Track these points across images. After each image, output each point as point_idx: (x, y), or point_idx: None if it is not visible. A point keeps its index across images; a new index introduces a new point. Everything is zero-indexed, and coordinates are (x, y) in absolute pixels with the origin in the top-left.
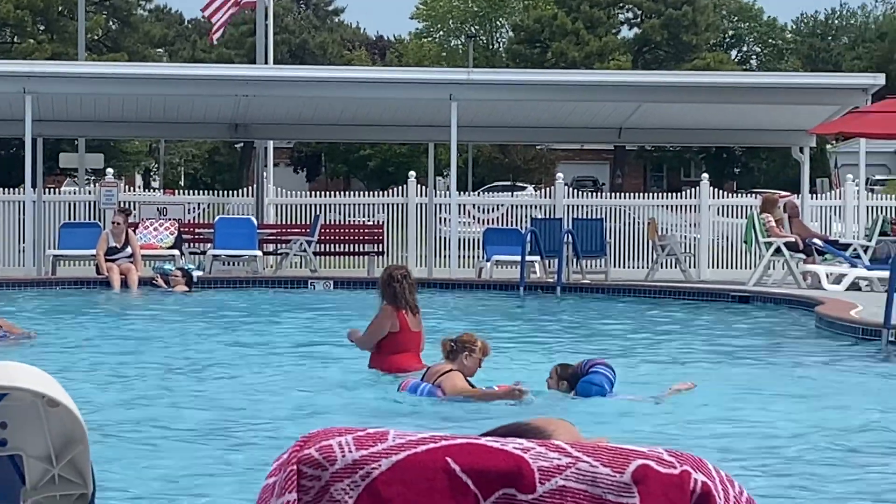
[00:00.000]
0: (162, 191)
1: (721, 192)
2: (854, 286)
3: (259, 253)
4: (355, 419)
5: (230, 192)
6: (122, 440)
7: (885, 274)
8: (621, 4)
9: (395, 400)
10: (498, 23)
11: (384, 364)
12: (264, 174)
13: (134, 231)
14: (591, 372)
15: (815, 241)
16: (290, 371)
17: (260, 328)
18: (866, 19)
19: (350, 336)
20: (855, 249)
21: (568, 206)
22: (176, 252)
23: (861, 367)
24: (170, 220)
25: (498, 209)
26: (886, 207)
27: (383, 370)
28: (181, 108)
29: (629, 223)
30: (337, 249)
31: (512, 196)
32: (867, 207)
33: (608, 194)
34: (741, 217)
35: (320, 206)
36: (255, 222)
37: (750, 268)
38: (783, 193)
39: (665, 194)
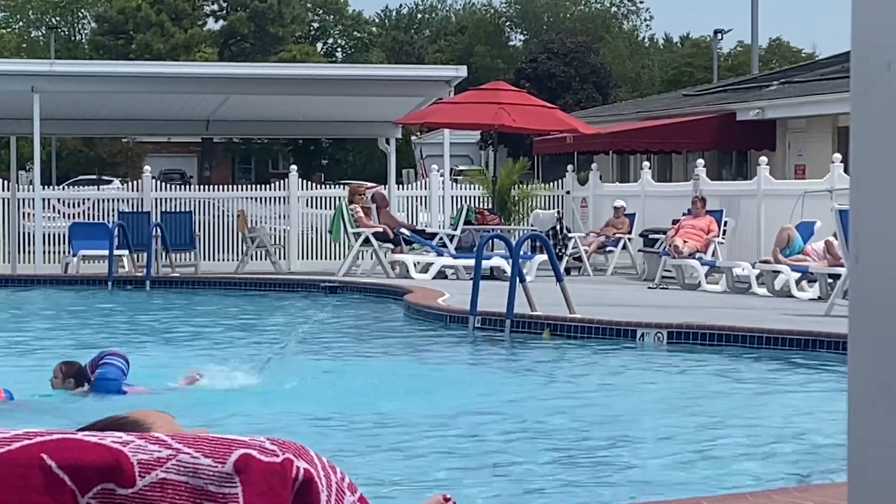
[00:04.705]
0: None
1: (309, 183)
2: (441, 274)
3: None
4: None
5: None
6: None
7: (471, 262)
8: None
9: None
10: (80, 13)
11: None
12: None
13: None
14: (103, 364)
15: (403, 230)
16: None
17: None
18: (447, 13)
19: None
20: (441, 238)
21: (156, 200)
22: None
23: (449, 352)
24: None
25: (84, 203)
26: (470, 197)
27: None
28: None
29: (219, 216)
30: None
31: (98, 189)
32: (452, 197)
33: (197, 187)
34: (330, 209)
35: None
36: None
37: (340, 259)
38: (369, 184)
39: (254, 186)
